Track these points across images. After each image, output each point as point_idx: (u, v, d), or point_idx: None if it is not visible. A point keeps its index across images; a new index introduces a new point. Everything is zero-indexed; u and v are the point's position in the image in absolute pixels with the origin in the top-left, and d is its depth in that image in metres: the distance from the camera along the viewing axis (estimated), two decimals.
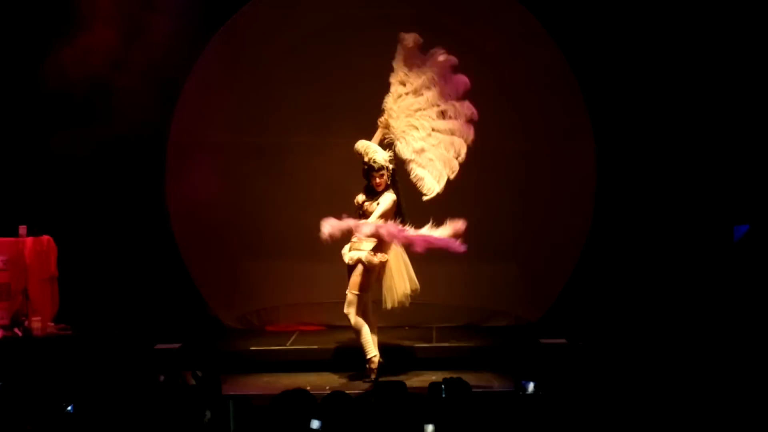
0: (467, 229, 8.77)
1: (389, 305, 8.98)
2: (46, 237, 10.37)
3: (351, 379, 9.03)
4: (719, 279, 10.39)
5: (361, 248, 8.83)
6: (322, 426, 5.22)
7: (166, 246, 11.01)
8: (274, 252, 10.88)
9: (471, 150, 10.76)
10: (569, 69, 10.91)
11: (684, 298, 10.43)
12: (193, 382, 6.22)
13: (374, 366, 8.84)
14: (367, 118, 10.50)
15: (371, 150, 8.92)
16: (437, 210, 8.91)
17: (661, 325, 10.06)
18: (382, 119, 9.12)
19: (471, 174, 10.75)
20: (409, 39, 9.10)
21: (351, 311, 8.81)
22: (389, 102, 9.13)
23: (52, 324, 10.27)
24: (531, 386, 5.99)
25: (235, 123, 11.08)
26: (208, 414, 5.52)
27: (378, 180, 8.85)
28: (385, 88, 10.37)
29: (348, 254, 8.89)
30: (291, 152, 10.98)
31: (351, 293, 8.81)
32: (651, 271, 10.70)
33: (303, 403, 5.36)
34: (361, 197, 8.95)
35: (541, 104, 10.99)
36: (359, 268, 8.83)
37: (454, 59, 9.06)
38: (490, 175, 10.94)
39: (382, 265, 8.88)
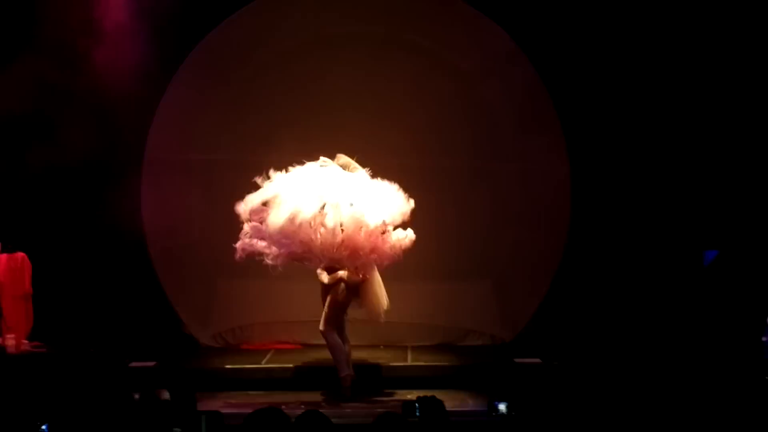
0: (438, 247, 8.85)
1: (383, 317, 9.01)
2: (20, 254, 10.33)
3: (326, 397, 9.03)
4: (693, 298, 10.43)
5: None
6: None
7: (141, 264, 10.99)
8: (249, 270, 10.83)
9: (446, 169, 10.88)
10: (544, 87, 10.96)
11: (658, 318, 10.47)
12: (166, 397, 6.22)
13: (348, 384, 8.88)
14: (343, 135, 10.59)
15: (351, 166, 9.05)
16: (415, 230, 8.95)
17: (635, 345, 10.08)
18: None
19: (446, 193, 10.84)
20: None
21: (328, 329, 8.83)
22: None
23: (26, 341, 10.22)
24: (503, 407, 6.01)
25: (210, 141, 11.07)
26: (177, 431, 5.51)
27: None
28: (361, 106, 10.51)
29: (324, 274, 8.91)
30: (267, 170, 10.97)
31: (329, 310, 8.83)
32: (625, 291, 10.73)
33: (276, 421, 5.36)
34: None
35: (515, 122, 11.03)
36: (340, 286, 8.86)
37: None
38: (465, 194, 10.98)
39: (361, 282, 8.91)
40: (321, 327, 8.86)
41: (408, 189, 9.17)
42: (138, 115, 10.93)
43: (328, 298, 8.86)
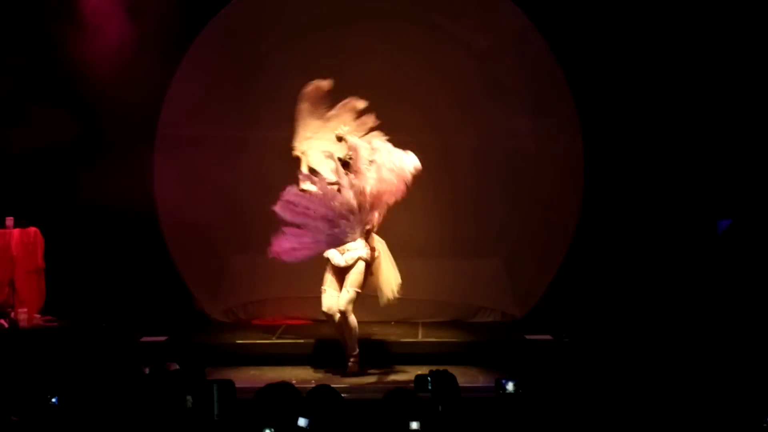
0: (450, 224, 8.85)
1: (389, 297, 9.03)
2: (33, 229, 10.37)
3: (336, 373, 9.05)
4: (706, 275, 10.42)
5: (355, 247, 8.86)
6: (308, 421, 5.23)
7: (153, 239, 11.00)
8: (261, 245, 10.86)
9: (458, 146, 10.87)
10: (558, 65, 10.92)
11: (671, 294, 10.46)
12: (176, 368, 6.23)
13: (357, 362, 8.94)
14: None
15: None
16: (419, 207, 8.93)
17: (647, 322, 10.08)
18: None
19: (458, 170, 10.82)
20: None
21: (350, 308, 8.86)
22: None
23: (39, 316, 10.27)
24: (510, 386, 6.00)
25: (223, 117, 11.06)
26: (189, 399, 5.52)
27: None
28: (374, 83, 10.46)
29: (344, 256, 8.89)
30: (278, 146, 10.97)
31: (353, 290, 8.84)
32: (638, 267, 10.72)
33: (287, 396, 5.37)
34: None
35: (528, 100, 11.00)
36: (359, 265, 8.87)
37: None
38: (477, 172, 10.96)
39: (374, 260, 8.94)
40: (343, 307, 8.85)
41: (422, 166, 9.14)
42: (151, 91, 10.92)
43: (352, 279, 8.85)
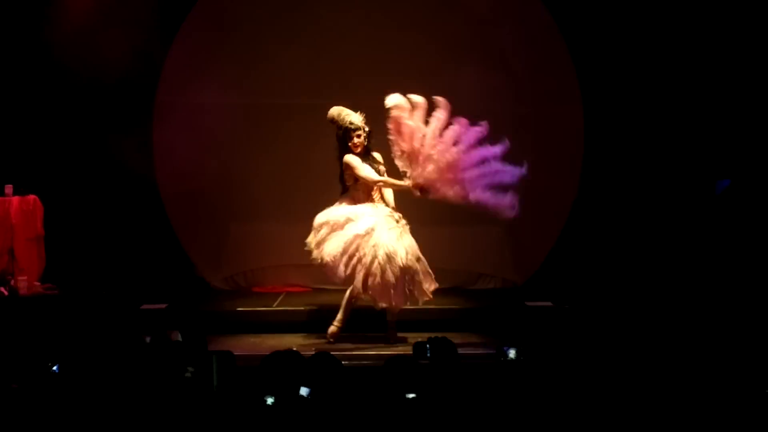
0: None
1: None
2: (32, 196, 10.35)
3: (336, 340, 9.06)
4: (705, 241, 10.42)
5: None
6: (310, 389, 5.24)
7: (153, 206, 11.00)
8: (262, 213, 10.87)
9: (459, 113, 10.83)
10: (558, 32, 10.89)
11: (670, 260, 10.47)
12: (177, 338, 6.23)
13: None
14: (359, 79, 10.54)
15: (344, 112, 8.85)
16: None
17: (647, 289, 10.09)
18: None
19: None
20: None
21: None
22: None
23: (38, 283, 10.27)
24: (512, 353, 6.00)
25: (222, 84, 11.02)
26: (190, 370, 5.52)
27: (356, 141, 8.79)
28: (378, 50, 10.43)
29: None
30: (279, 114, 10.96)
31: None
32: (638, 234, 10.73)
33: (293, 363, 5.38)
34: None
35: (529, 67, 10.97)
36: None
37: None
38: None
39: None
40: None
41: None
42: (150, 58, 10.89)
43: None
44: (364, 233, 8.60)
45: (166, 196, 11.07)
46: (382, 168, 8.84)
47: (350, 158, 8.77)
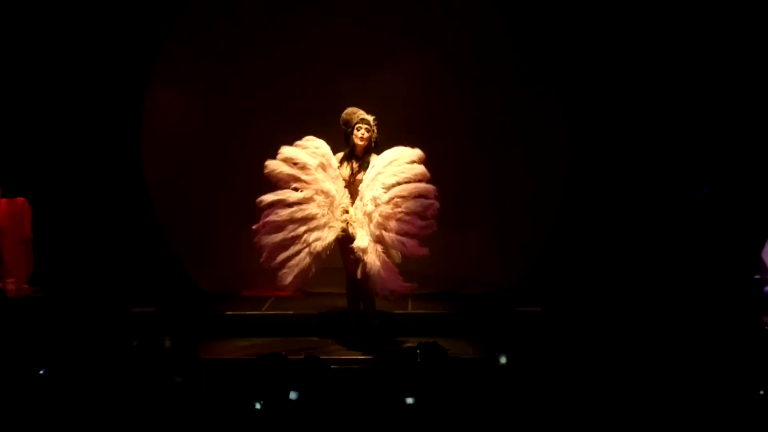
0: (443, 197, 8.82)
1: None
2: (20, 199, 10.31)
3: (326, 344, 9.04)
4: (693, 245, 10.46)
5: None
6: (298, 394, 5.24)
7: (143, 209, 10.99)
8: (252, 216, 10.85)
9: (447, 116, 10.87)
10: (546, 34, 10.91)
11: (658, 265, 10.49)
12: (168, 345, 6.23)
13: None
14: (345, 80, 10.57)
15: (361, 111, 8.88)
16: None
17: (636, 292, 10.11)
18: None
19: (446, 141, 10.82)
20: None
21: None
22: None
23: (27, 286, 10.24)
24: (503, 359, 6.02)
25: (213, 86, 11.03)
26: (179, 378, 5.52)
27: (365, 133, 8.78)
28: (360, 51, 10.46)
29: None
30: (270, 116, 10.96)
31: None
32: (625, 238, 10.75)
33: (280, 367, 5.38)
34: (345, 171, 8.89)
35: (515, 71, 10.98)
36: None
37: None
38: (465, 143, 10.97)
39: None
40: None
41: (408, 137, 9.10)
42: (139, 62, 10.88)
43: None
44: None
45: (156, 198, 11.06)
46: (359, 176, 8.83)
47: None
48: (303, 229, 8.69)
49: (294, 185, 8.76)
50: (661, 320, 9.02)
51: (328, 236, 8.72)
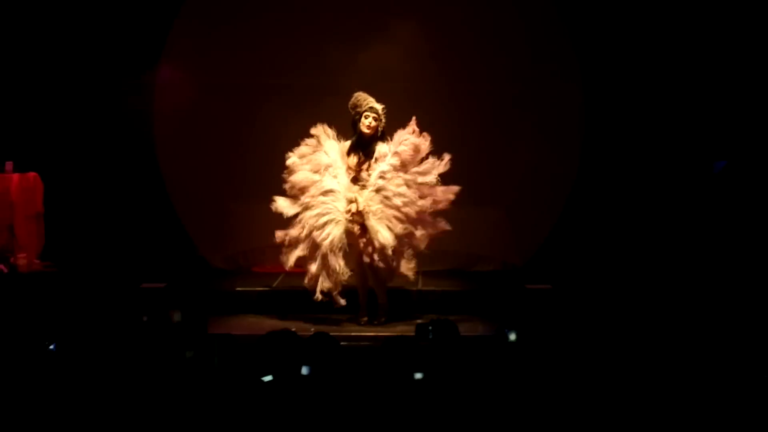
0: (449, 172, 8.85)
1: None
2: (32, 174, 10.32)
3: (335, 321, 9.05)
4: (705, 219, 10.43)
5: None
6: (310, 369, 5.24)
7: (154, 185, 10.99)
8: (262, 192, 10.84)
9: (458, 92, 10.83)
10: (557, 11, 10.86)
11: (671, 243, 10.46)
12: (178, 319, 6.22)
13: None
14: (358, 58, 10.54)
15: (361, 98, 8.88)
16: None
17: (647, 270, 10.09)
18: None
19: (458, 118, 10.79)
20: None
21: None
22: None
23: (38, 261, 10.26)
24: (513, 336, 6.00)
25: (225, 63, 11.01)
26: (189, 353, 5.52)
27: (372, 122, 8.79)
28: (372, 30, 10.42)
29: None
30: (280, 93, 10.94)
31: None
32: (638, 215, 10.72)
33: (289, 343, 5.37)
34: (353, 160, 8.91)
35: (529, 47, 10.94)
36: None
37: None
38: (477, 119, 10.94)
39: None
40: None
41: (419, 114, 9.09)
42: (150, 40, 10.88)
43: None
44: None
45: (167, 174, 11.06)
46: (368, 164, 8.84)
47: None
48: (316, 234, 8.80)
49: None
50: (671, 299, 9.01)
51: (333, 231, 8.75)
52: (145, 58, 10.90)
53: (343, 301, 8.82)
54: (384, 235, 8.68)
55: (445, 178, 9.10)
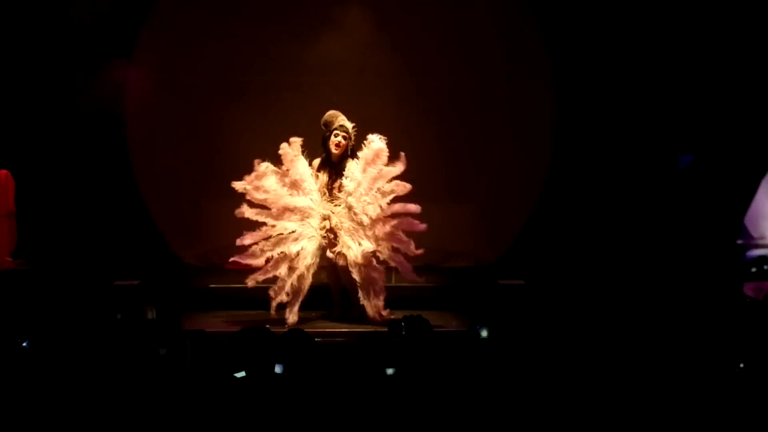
0: (422, 168, 8.87)
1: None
2: (4, 172, 10.27)
3: (309, 317, 9.07)
4: (676, 214, 10.50)
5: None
6: (283, 366, 5.26)
7: (126, 183, 10.96)
8: (234, 191, 10.84)
9: (428, 88, 10.85)
10: (529, 7, 10.91)
11: (642, 238, 10.52)
12: (151, 316, 6.23)
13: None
14: (335, 55, 10.55)
15: (342, 117, 8.90)
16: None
17: (620, 265, 10.15)
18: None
19: (431, 114, 10.81)
20: None
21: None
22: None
23: (10, 259, 10.21)
24: (484, 332, 6.04)
25: (197, 60, 10.99)
26: (162, 350, 5.53)
27: (341, 140, 8.83)
28: (346, 25, 10.43)
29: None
30: (253, 90, 10.94)
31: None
32: (610, 211, 10.78)
33: (263, 339, 5.38)
34: (323, 177, 8.94)
35: (500, 44, 10.97)
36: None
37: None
38: (450, 116, 10.96)
39: None
40: None
41: (392, 110, 9.11)
42: (122, 36, 10.85)
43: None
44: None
45: (139, 171, 11.04)
46: (339, 182, 8.87)
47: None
48: (280, 249, 8.81)
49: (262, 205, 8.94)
50: (644, 292, 9.06)
51: (308, 246, 8.80)
52: (116, 56, 10.87)
53: (294, 318, 8.88)
54: (354, 252, 8.75)
55: (415, 175, 9.11)
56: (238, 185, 8.93)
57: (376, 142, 8.76)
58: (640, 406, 5.28)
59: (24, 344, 5.72)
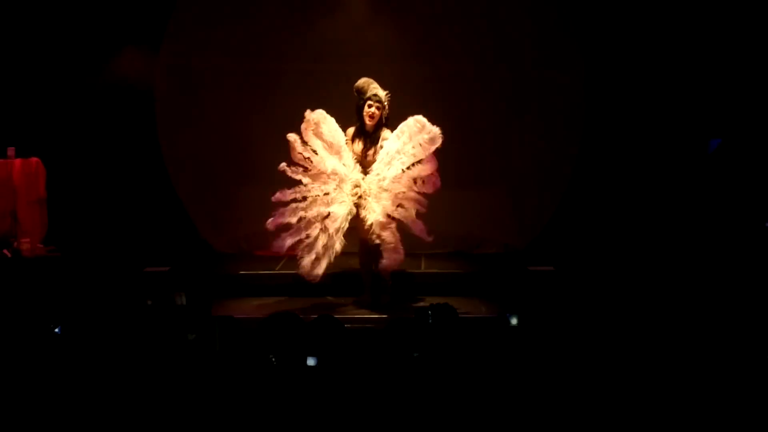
0: (453, 154, 8.83)
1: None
2: (35, 159, 10.33)
3: (339, 303, 9.08)
4: (707, 200, 10.45)
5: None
6: (316, 355, 5.27)
7: (157, 169, 11.00)
8: (265, 176, 10.85)
9: (463, 76, 10.83)
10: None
11: (673, 225, 10.48)
12: (181, 303, 6.24)
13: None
14: (361, 45, 10.53)
15: (368, 84, 8.86)
16: None
17: (649, 252, 10.11)
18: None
19: (461, 101, 10.78)
20: None
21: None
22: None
23: (41, 245, 10.27)
24: (514, 320, 6.03)
25: (227, 47, 11.00)
26: (191, 336, 5.55)
27: (375, 111, 8.78)
28: (376, 12, 10.40)
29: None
30: (284, 77, 10.94)
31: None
32: (640, 197, 10.73)
33: (292, 325, 5.39)
34: (358, 146, 8.91)
35: (532, 30, 10.93)
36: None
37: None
38: (480, 102, 10.93)
39: None
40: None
41: (425, 97, 9.08)
42: (152, 21, 10.88)
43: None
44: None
45: (169, 158, 11.07)
46: (373, 150, 8.84)
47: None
48: (314, 211, 8.75)
49: (302, 165, 8.82)
50: (674, 277, 9.03)
51: (339, 211, 8.76)
52: (147, 42, 10.90)
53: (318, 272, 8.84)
54: (376, 212, 8.70)
55: (446, 161, 9.08)
56: (291, 136, 8.86)
57: (435, 130, 8.70)
58: (670, 392, 5.25)
59: (56, 330, 5.75)
